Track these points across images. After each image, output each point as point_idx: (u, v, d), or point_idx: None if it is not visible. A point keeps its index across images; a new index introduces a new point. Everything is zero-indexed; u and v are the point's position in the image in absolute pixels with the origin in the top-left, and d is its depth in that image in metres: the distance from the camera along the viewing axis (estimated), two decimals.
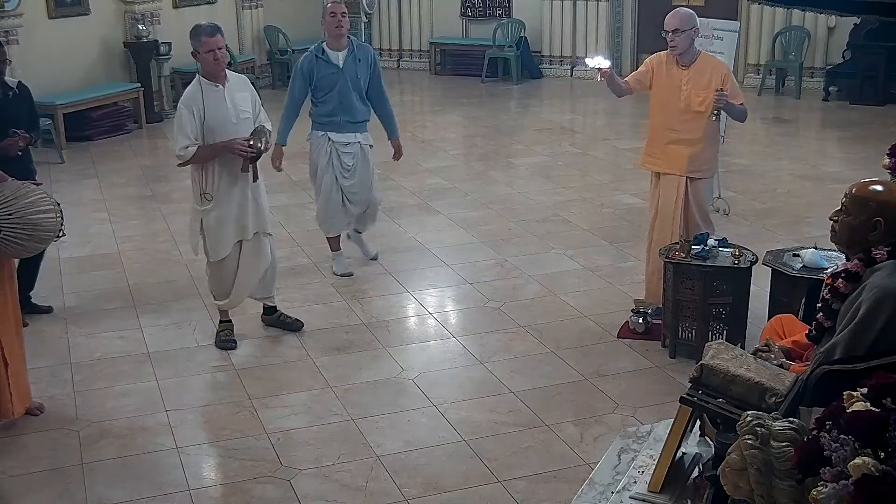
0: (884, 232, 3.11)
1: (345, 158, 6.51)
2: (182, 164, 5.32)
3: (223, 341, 5.56)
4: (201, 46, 5.16)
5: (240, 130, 5.24)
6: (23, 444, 4.58)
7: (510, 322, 5.85)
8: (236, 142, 5.18)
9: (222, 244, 5.38)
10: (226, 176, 5.30)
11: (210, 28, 5.24)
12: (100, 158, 10.10)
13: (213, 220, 5.33)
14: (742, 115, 5.65)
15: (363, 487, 4.17)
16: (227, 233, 5.37)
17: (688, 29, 5.37)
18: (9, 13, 10.21)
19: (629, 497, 3.19)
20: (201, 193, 5.32)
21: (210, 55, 5.16)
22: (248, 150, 5.20)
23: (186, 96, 5.24)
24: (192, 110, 5.17)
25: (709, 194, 5.77)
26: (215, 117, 5.20)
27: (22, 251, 4.60)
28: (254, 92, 5.51)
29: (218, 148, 5.21)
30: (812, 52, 12.88)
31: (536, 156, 10.11)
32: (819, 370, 3.02)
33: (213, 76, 5.24)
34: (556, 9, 14.34)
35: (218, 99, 5.23)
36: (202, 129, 5.19)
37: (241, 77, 5.55)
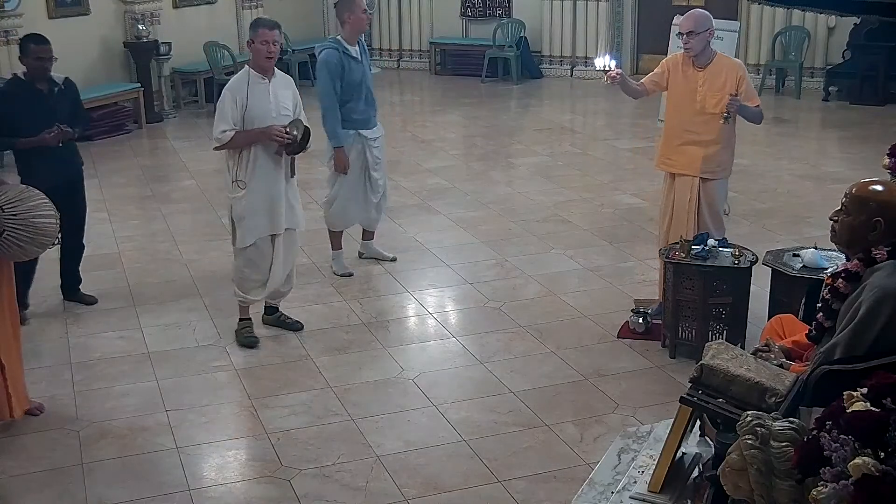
0: (884, 232, 3.11)
1: (375, 152, 6.59)
2: (218, 148, 5.38)
3: (246, 338, 5.57)
4: (258, 36, 5.29)
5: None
6: (23, 444, 4.58)
7: (510, 322, 5.85)
8: (274, 127, 5.28)
9: (250, 232, 5.42)
10: (261, 165, 5.36)
11: (271, 22, 5.43)
12: (100, 158, 10.10)
13: (243, 208, 5.37)
14: (757, 118, 5.51)
15: (363, 487, 4.17)
16: (256, 223, 5.41)
17: (702, 31, 5.33)
18: (9, 13, 10.21)
19: (629, 497, 3.19)
20: (234, 180, 5.38)
21: (264, 47, 5.29)
22: (285, 137, 5.29)
23: (232, 83, 5.35)
24: (236, 98, 5.28)
25: (721, 196, 5.69)
26: (256, 108, 5.29)
27: (20, 254, 4.59)
28: (296, 93, 5.60)
29: (255, 134, 5.29)
30: (812, 52, 12.89)
31: (536, 156, 10.11)
32: (819, 370, 3.02)
33: (261, 68, 5.36)
34: (556, 9, 14.34)
35: (262, 91, 5.33)
36: (242, 118, 5.27)
37: (287, 77, 5.64)
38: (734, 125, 5.49)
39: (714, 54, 5.44)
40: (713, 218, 5.58)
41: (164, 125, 11.85)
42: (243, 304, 5.63)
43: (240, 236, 5.46)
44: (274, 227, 5.47)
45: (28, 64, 5.77)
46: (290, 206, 5.53)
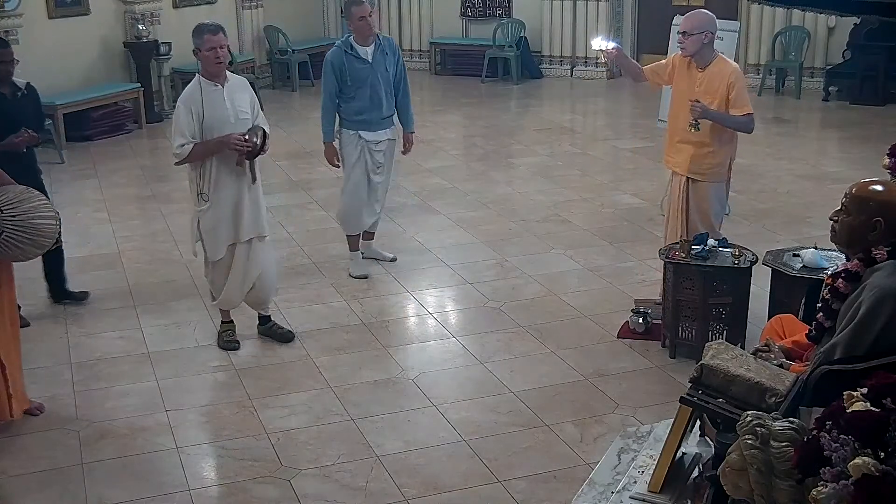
0: (884, 232, 3.11)
1: (377, 157, 6.56)
2: (179, 163, 5.29)
3: (226, 342, 5.56)
4: (203, 44, 5.15)
5: (237, 131, 5.21)
6: (23, 444, 4.58)
7: (510, 322, 5.84)
8: (232, 136, 5.15)
9: (218, 245, 5.35)
10: (222, 175, 5.27)
11: (213, 26, 5.23)
12: (100, 158, 10.10)
13: (209, 221, 5.30)
14: (742, 127, 5.39)
15: (363, 487, 4.17)
16: (221, 233, 5.34)
17: (697, 33, 5.30)
18: (9, 13, 10.21)
19: (629, 497, 3.19)
20: (198, 193, 5.29)
21: (211, 53, 5.15)
22: (244, 145, 5.17)
23: (185, 95, 5.24)
24: (191, 109, 5.16)
25: (713, 200, 5.53)
26: (213, 116, 5.18)
27: (19, 255, 4.59)
28: (253, 95, 5.50)
29: (214, 144, 5.18)
30: (812, 52, 12.88)
31: (536, 156, 10.11)
32: (819, 370, 3.02)
33: (213, 75, 5.23)
34: (556, 9, 14.34)
35: (217, 98, 5.22)
36: (200, 129, 5.18)
37: (241, 79, 5.54)
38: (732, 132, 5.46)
39: (714, 56, 5.40)
40: (702, 220, 5.54)
41: (164, 125, 11.83)
42: (222, 309, 5.61)
43: (210, 250, 5.37)
44: (234, 236, 5.37)
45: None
46: (254, 213, 5.41)
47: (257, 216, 5.43)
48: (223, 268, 5.44)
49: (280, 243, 7.20)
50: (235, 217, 5.34)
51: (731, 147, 5.50)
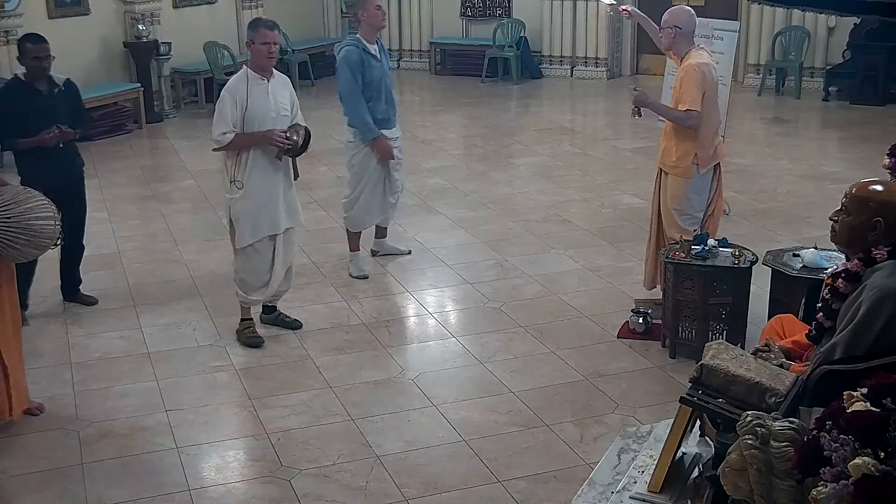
0: (884, 232, 3.11)
1: (396, 153, 6.59)
2: (218, 150, 5.38)
3: (249, 338, 5.57)
4: (258, 37, 5.28)
5: (278, 125, 5.35)
6: (23, 444, 4.58)
7: (510, 322, 5.85)
8: (275, 132, 5.28)
9: (248, 233, 5.42)
10: (259, 166, 5.36)
11: (270, 23, 5.42)
12: (100, 158, 10.09)
13: (241, 209, 5.38)
14: (677, 120, 5.44)
15: (363, 487, 4.17)
16: (255, 223, 5.40)
17: (666, 27, 5.53)
18: (9, 13, 10.21)
19: (629, 497, 3.19)
20: (231, 181, 5.38)
21: (265, 47, 5.29)
22: (286, 142, 5.31)
23: (231, 84, 5.34)
24: (236, 99, 5.27)
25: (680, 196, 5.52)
26: (257, 109, 5.29)
27: (18, 256, 4.59)
28: (293, 93, 5.60)
29: (256, 137, 5.29)
30: (812, 52, 12.88)
31: (536, 156, 10.11)
32: (819, 370, 3.02)
33: (261, 69, 5.35)
34: (556, 9, 14.34)
35: (261, 92, 5.33)
36: (242, 119, 5.27)
37: (285, 77, 5.65)
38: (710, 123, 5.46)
39: (688, 50, 5.50)
40: (666, 216, 5.61)
41: (164, 125, 11.85)
42: (245, 305, 5.63)
43: (238, 236, 5.46)
44: (273, 227, 5.47)
45: (26, 64, 5.76)
46: (289, 206, 5.53)
47: (293, 208, 5.56)
48: (254, 260, 5.48)
49: None
50: (273, 208, 5.43)
51: (693, 143, 5.44)
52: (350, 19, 15.80)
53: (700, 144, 5.44)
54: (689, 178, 5.49)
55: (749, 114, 11.93)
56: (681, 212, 5.55)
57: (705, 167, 5.49)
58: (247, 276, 5.54)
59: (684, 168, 5.48)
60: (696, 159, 5.44)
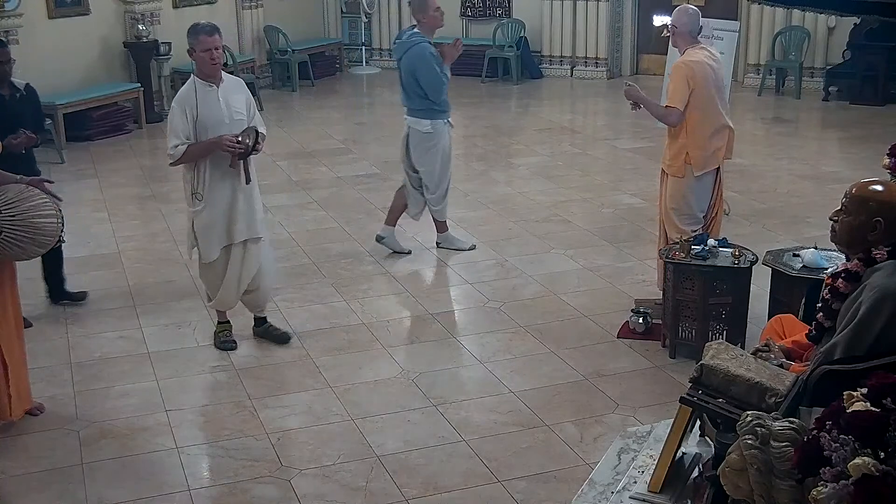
0: (884, 232, 3.11)
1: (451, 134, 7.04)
2: (174, 164, 5.27)
3: (222, 342, 5.56)
4: (198, 45, 5.16)
5: (233, 131, 5.19)
6: (23, 444, 4.58)
7: (510, 322, 5.85)
8: (225, 137, 5.14)
9: (212, 246, 5.34)
10: (216, 176, 5.25)
11: (209, 27, 5.24)
12: (100, 158, 10.10)
13: (203, 221, 5.29)
14: (658, 116, 5.58)
15: (363, 487, 4.17)
16: (215, 234, 5.33)
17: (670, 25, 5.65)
18: (9, 13, 10.21)
19: (629, 497, 3.19)
20: (192, 193, 5.29)
21: (207, 54, 5.16)
22: (237, 146, 5.16)
23: (180, 96, 5.24)
24: (185, 109, 5.16)
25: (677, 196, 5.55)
26: (208, 117, 5.17)
27: (21, 254, 4.59)
28: (249, 95, 5.49)
29: (206, 145, 5.17)
30: (812, 52, 12.88)
31: (536, 156, 10.11)
32: (819, 370, 3.02)
33: (207, 76, 5.23)
34: (556, 9, 14.34)
35: (211, 99, 5.21)
36: (195, 129, 5.17)
37: (237, 79, 5.54)
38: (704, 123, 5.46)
39: (686, 48, 5.54)
40: (665, 216, 5.64)
41: (164, 125, 11.76)
42: (218, 310, 5.61)
43: (204, 252, 5.36)
44: (228, 237, 5.35)
45: None
46: (249, 214, 5.37)
47: (251, 218, 5.40)
48: (217, 269, 5.43)
49: (280, 243, 7.21)
50: (229, 218, 5.32)
51: (684, 141, 5.45)
52: (353, 19, 15.83)
53: (692, 143, 5.43)
54: (684, 178, 5.50)
55: (749, 114, 11.93)
56: (678, 211, 5.56)
57: (700, 169, 5.47)
58: (212, 287, 5.52)
59: (677, 167, 5.51)
60: (688, 159, 5.44)
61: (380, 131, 11.78)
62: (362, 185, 8.96)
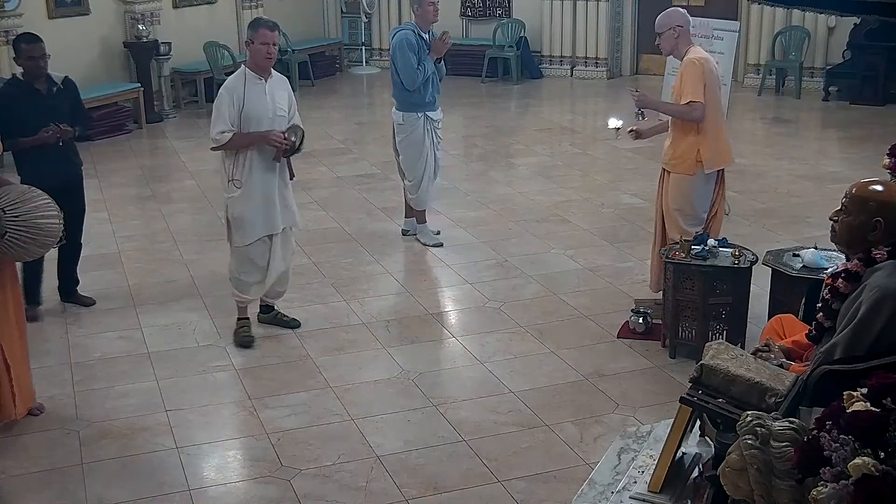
0: (884, 232, 3.11)
1: (439, 133, 7.09)
2: (216, 149, 5.39)
3: (243, 338, 5.58)
4: (258, 37, 5.30)
5: (275, 126, 5.36)
6: (23, 444, 4.58)
7: (510, 322, 5.84)
8: (273, 133, 5.30)
9: (247, 232, 5.44)
10: (257, 166, 5.37)
11: (271, 23, 5.45)
12: (100, 158, 10.09)
13: (240, 208, 5.39)
14: (680, 114, 5.47)
15: (363, 487, 4.17)
16: (253, 222, 5.42)
17: (665, 30, 5.49)
18: (9, 13, 10.21)
19: (629, 497, 3.19)
20: (229, 180, 5.39)
21: (264, 48, 5.31)
22: (284, 143, 5.33)
23: (229, 84, 5.35)
24: (233, 98, 5.28)
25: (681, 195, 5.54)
26: (254, 108, 5.30)
27: (23, 254, 4.60)
28: (292, 94, 5.63)
29: (254, 137, 5.31)
30: (812, 52, 12.88)
31: (536, 156, 10.11)
32: (819, 370, 3.02)
33: (260, 69, 5.36)
34: (556, 9, 14.34)
35: (259, 92, 5.34)
36: (239, 119, 5.28)
37: (283, 78, 5.66)
38: (715, 120, 5.45)
39: (688, 48, 5.50)
40: (668, 217, 5.62)
41: (164, 125, 11.85)
42: (241, 304, 5.63)
43: (238, 236, 5.47)
44: (270, 227, 5.48)
45: (23, 64, 5.75)
46: (285, 206, 5.54)
47: (289, 208, 5.58)
48: (251, 259, 5.50)
49: None
50: (269, 208, 5.45)
51: (695, 138, 5.44)
52: (353, 19, 15.82)
53: (704, 141, 5.43)
54: (692, 176, 5.47)
55: (749, 114, 11.93)
56: (682, 212, 5.55)
57: (710, 167, 5.46)
58: (242, 276, 5.55)
59: (687, 165, 5.47)
60: (699, 156, 5.43)
61: (380, 131, 11.77)
62: (362, 185, 8.96)
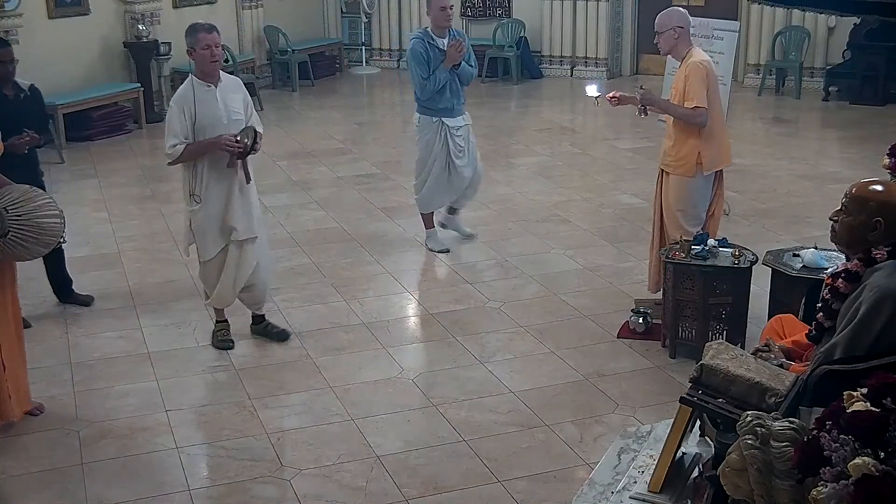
0: (884, 232, 3.11)
1: (458, 140, 6.95)
2: (172, 163, 5.29)
3: (220, 341, 5.56)
4: (198, 42, 5.18)
5: (231, 131, 5.21)
6: (23, 444, 4.58)
7: (510, 322, 5.84)
8: (223, 137, 5.16)
9: (209, 245, 5.37)
10: (214, 175, 5.27)
11: (207, 25, 5.29)
12: (100, 158, 10.10)
13: (201, 220, 5.31)
14: (684, 117, 5.44)
15: (363, 487, 4.17)
16: (213, 233, 5.35)
17: (665, 30, 5.47)
18: (9, 13, 10.21)
19: (629, 497, 3.19)
20: (190, 194, 5.30)
21: (207, 52, 5.17)
22: (236, 146, 5.18)
23: (177, 95, 5.25)
24: (183, 109, 5.17)
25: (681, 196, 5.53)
26: (206, 116, 5.18)
27: (25, 254, 4.60)
28: (247, 95, 5.50)
29: (205, 144, 5.19)
30: (812, 52, 12.88)
31: (536, 156, 10.11)
32: (819, 370, 3.02)
33: (206, 74, 5.24)
34: (556, 9, 14.34)
35: (209, 98, 5.22)
36: (193, 129, 5.18)
37: (235, 79, 5.54)
38: (715, 123, 5.44)
39: (688, 49, 5.50)
40: (668, 217, 5.61)
41: (163, 125, 11.80)
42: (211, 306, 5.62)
43: (202, 249, 5.39)
44: (226, 237, 5.37)
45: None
46: (246, 214, 5.39)
47: (249, 218, 5.41)
48: (215, 267, 5.45)
49: (280, 243, 7.21)
50: (226, 218, 5.34)
51: (697, 142, 5.43)
52: (353, 19, 15.82)
53: (706, 143, 5.43)
54: (692, 178, 5.47)
55: (749, 114, 11.93)
56: (684, 212, 5.55)
57: (710, 169, 5.46)
58: (206, 284, 5.55)
59: (687, 167, 5.46)
60: (700, 158, 5.43)
61: (380, 131, 11.80)
62: (362, 185, 8.96)
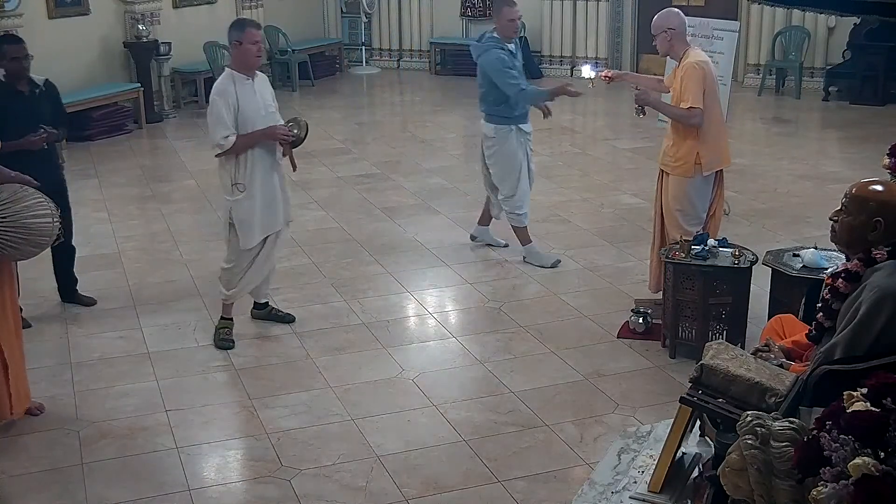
0: (884, 232, 3.11)
1: (530, 145, 6.93)
2: (221, 154, 5.35)
3: (222, 339, 5.56)
4: (246, 37, 5.27)
5: (268, 123, 5.37)
6: (23, 444, 4.58)
7: (510, 322, 5.84)
8: (277, 127, 5.33)
9: (254, 234, 5.43)
10: (259, 166, 5.37)
11: (256, 23, 5.46)
12: (100, 158, 10.10)
13: (245, 210, 5.38)
14: (679, 117, 5.45)
15: (363, 487, 4.17)
16: (258, 223, 5.43)
17: (659, 32, 5.50)
18: (9, 13, 10.20)
19: (629, 497, 3.20)
20: (233, 184, 5.37)
21: (255, 46, 5.29)
22: (289, 136, 5.36)
23: (219, 88, 5.32)
24: (228, 101, 5.26)
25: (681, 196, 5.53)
26: (247, 109, 5.30)
27: (17, 255, 4.59)
28: (272, 90, 5.66)
29: (257, 136, 5.31)
30: (812, 52, 12.88)
31: (536, 156, 10.02)
32: (819, 370, 3.02)
33: (248, 68, 5.35)
34: (556, 9, 14.34)
35: (248, 91, 5.34)
36: (236, 120, 5.28)
37: (263, 75, 5.64)
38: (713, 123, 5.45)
39: (685, 49, 5.51)
40: (668, 217, 5.62)
41: (164, 125, 11.85)
42: (227, 302, 5.62)
43: (244, 239, 5.43)
44: (272, 226, 5.50)
45: (6, 66, 5.64)
46: (285, 202, 5.59)
47: (287, 206, 5.63)
48: (251, 257, 5.51)
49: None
50: (272, 207, 5.46)
51: (695, 142, 5.43)
52: (353, 19, 15.82)
53: (704, 144, 5.43)
54: (691, 178, 5.47)
55: (749, 114, 11.93)
56: (683, 212, 5.55)
57: (709, 169, 5.46)
58: (235, 267, 5.52)
59: (685, 168, 5.47)
60: (698, 159, 5.42)
61: (380, 131, 11.79)
62: (362, 185, 8.96)
